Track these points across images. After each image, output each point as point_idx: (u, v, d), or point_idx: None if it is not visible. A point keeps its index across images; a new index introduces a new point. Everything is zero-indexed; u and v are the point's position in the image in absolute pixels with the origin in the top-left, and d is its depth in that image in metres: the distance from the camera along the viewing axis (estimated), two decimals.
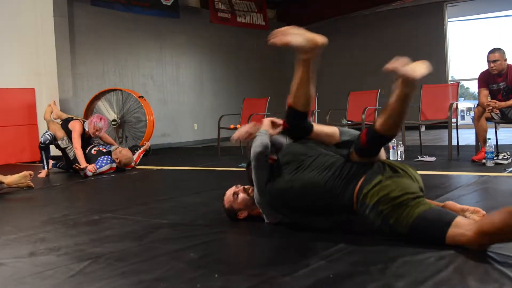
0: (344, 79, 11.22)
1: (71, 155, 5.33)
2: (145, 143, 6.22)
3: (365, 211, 1.99)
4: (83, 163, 5.04)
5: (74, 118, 5.64)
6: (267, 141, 2.33)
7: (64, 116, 5.81)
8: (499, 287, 1.46)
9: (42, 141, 5.35)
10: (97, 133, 5.43)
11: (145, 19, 8.97)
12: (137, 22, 8.93)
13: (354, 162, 2.12)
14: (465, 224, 1.82)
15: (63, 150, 5.40)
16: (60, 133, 5.38)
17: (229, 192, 2.52)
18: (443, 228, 1.84)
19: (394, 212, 1.92)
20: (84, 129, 5.40)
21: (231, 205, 2.50)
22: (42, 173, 5.26)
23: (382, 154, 2.20)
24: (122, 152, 5.31)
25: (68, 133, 5.36)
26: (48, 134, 5.39)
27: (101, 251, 2.10)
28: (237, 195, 2.47)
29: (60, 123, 5.56)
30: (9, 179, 4.18)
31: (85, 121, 5.56)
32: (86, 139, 5.42)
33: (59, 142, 5.36)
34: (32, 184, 4.28)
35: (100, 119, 5.47)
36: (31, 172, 4.30)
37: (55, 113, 5.95)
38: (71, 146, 5.31)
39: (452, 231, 1.82)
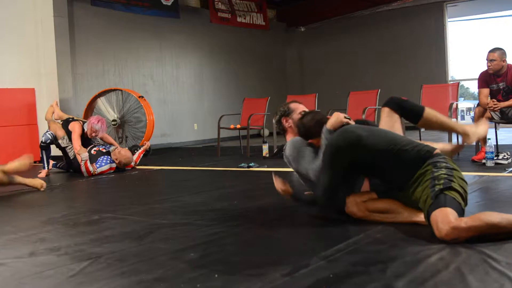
0: (344, 79, 11.23)
1: (71, 154, 5.34)
2: (145, 143, 6.22)
3: (438, 160, 2.22)
4: (80, 152, 5.11)
5: (74, 118, 5.64)
6: None
7: (65, 116, 5.80)
8: (499, 287, 1.47)
9: (43, 141, 5.35)
10: (93, 134, 5.42)
11: (145, 19, 8.97)
12: (137, 22, 8.93)
13: None
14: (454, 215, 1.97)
15: (63, 149, 5.41)
16: (61, 132, 5.39)
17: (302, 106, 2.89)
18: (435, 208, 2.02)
19: (458, 182, 2.12)
20: (83, 130, 5.41)
21: (295, 111, 2.81)
22: (42, 173, 5.26)
23: None
24: (121, 153, 5.31)
25: (69, 133, 5.36)
26: (49, 134, 5.39)
27: (101, 251, 2.10)
28: (302, 113, 2.74)
29: (61, 123, 5.57)
30: (7, 166, 4.10)
31: (85, 121, 5.56)
32: (87, 139, 5.42)
33: (60, 141, 5.37)
34: (40, 187, 4.22)
35: (98, 121, 5.44)
36: (31, 155, 4.31)
37: (57, 114, 5.95)
38: (71, 146, 5.32)
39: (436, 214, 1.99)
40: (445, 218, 1.94)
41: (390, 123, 2.54)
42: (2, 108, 6.87)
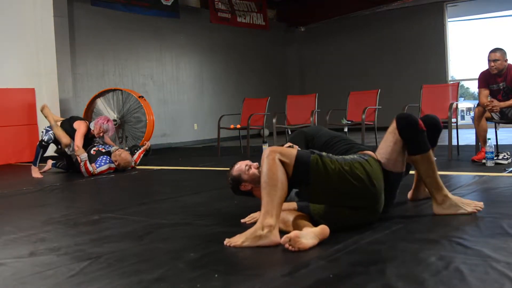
0: (344, 79, 11.23)
1: (75, 159, 5.30)
2: (146, 143, 6.20)
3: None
4: (79, 153, 5.05)
5: (79, 117, 5.60)
6: None
7: (60, 118, 5.72)
8: (499, 287, 1.47)
9: (45, 140, 5.24)
10: (101, 134, 5.41)
11: (145, 19, 8.97)
12: (137, 22, 8.93)
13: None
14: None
15: (68, 156, 5.37)
16: (66, 139, 5.25)
17: (242, 162, 2.59)
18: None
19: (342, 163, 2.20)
20: (89, 129, 5.38)
21: (240, 174, 2.55)
22: (36, 173, 5.19)
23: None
24: (121, 156, 5.30)
25: (72, 132, 5.30)
26: (51, 133, 5.32)
27: (101, 251, 2.10)
28: (250, 168, 2.55)
29: (59, 124, 5.50)
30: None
31: (91, 121, 5.55)
32: (89, 140, 5.40)
33: (66, 150, 5.30)
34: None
35: (107, 121, 5.44)
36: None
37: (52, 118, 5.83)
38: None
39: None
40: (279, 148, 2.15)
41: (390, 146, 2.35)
42: (2, 108, 6.87)
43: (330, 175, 2.13)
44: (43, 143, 5.25)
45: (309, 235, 1.97)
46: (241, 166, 2.57)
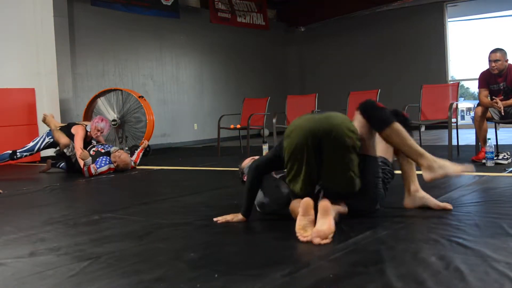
0: (344, 79, 11.23)
1: (74, 159, 5.32)
2: (144, 142, 6.15)
3: None
4: (83, 157, 5.03)
5: (76, 122, 5.66)
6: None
7: (59, 124, 5.77)
8: (499, 287, 1.47)
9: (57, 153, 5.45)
10: (99, 133, 5.45)
11: (145, 19, 8.97)
12: (137, 22, 8.93)
13: None
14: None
15: (68, 157, 5.39)
16: (65, 139, 5.33)
17: (252, 157, 3.00)
18: None
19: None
20: (86, 132, 5.42)
21: (245, 167, 2.95)
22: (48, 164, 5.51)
23: None
24: (121, 157, 5.30)
25: (71, 136, 5.35)
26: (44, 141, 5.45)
27: (101, 251, 2.10)
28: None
29: (59, 128, 5.54)
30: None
31: (87, 125, 5.58)
32: (87, 143, 5.42)
33: (65, 150, 5.33)
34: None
35: (102, 120, 5.53)
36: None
37: (54, 124, 5.86)
38: (75, 154, 5.29)
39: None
40: None
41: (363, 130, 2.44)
42: (2, 108, 6.87)
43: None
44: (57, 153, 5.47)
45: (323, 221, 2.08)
46: (250, 159, 2.96)
